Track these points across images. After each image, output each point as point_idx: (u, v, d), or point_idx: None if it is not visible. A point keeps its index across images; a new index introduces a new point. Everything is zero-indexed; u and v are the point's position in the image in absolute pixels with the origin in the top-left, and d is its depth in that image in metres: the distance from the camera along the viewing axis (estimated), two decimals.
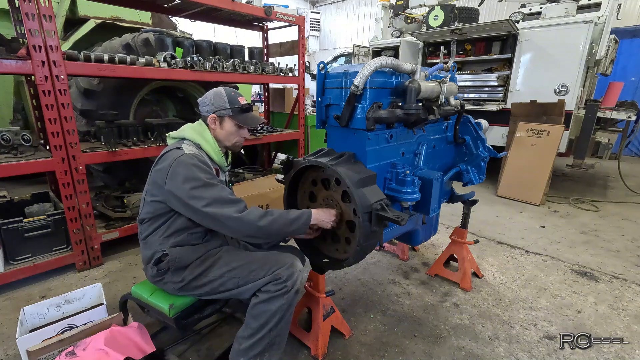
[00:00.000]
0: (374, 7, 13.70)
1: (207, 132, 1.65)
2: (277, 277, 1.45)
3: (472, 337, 2.01)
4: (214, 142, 1.65)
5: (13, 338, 1.75)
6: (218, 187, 1.47)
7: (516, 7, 5.67)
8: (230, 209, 1.42)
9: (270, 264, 1.50)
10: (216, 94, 1.65)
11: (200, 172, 1.47)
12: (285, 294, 1.44)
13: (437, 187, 1.79)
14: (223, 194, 1.46)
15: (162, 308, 1.53)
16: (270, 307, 1.43)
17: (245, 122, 1.68)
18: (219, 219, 1.41)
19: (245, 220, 1.41)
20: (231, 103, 1.64)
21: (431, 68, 1.86)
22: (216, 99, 1.64)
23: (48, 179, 3.46)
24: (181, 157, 1.48)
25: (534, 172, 4.43)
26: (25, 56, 2.21)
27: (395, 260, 2.90)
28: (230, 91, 1.68)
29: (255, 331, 1.44)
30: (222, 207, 1.42)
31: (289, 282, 1.45)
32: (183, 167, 1.45)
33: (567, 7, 4.47)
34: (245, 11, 3.47)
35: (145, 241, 1.59)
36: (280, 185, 1.94)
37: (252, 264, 1.51)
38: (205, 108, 1.66)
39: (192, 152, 1.54)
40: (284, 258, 1.54)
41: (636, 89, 7.44)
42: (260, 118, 1.81)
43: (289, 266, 1.50)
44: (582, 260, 2.95)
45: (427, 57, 5.86)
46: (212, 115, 1.64)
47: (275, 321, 1.44)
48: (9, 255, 2.45)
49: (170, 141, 1.70)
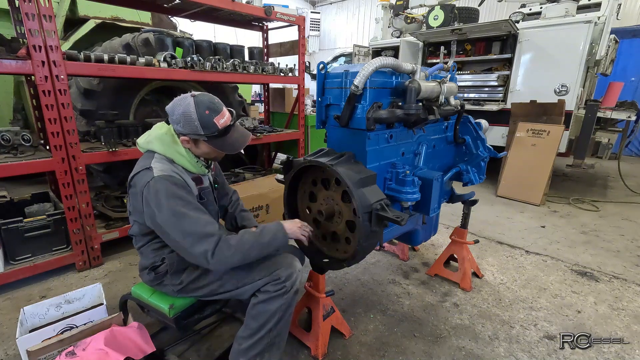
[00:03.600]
0: (374, 7, 13.70)
1: (178, 143, 1.44)
2: (276, 278, 1.43)
3: (472, 337, 2.01)
4: (188, 155, 1.46)
5: (13, 338, 1.75)
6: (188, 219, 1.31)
7: (516, 7, 5.67)
8: (201, 247, 1.29)
9: (269, 265, 1.48)
10: (186, 113, 1.35)
11: (171, 199, 1.31)
12: (285, 294, 1.43)
13: (437, 187, 1.79)
14: (194, 228, 1.30)
15: (162, 308, 1.53)
16: (269, 307, 1.42)
17: (224, 148, 1.46)
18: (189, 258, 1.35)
19: (218, 266, 1.33)
20: (205, 128, 1.36)
21: (431, 68, 1.86)
22: (186, 120, 1.35)
23: (48, 179, 3.46)
24: (150, 183, 1.33)
25: (534, 172, 4.43)
26: (25, 56, 2.21)
27: (395, 260, 2.89)
28: (204, 109, 1.35)
29: (255, 331, 1.44)
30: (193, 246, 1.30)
31: (287, 283, 1.44)
32: (153, 195, 1.32)
33: (567, 7, 4.47)
34: (245, 11, 3.47)
35: (141, 251, 1.58)
36: (280, 185, 1.94)
37: (250, 264, 1.48)
38: (175, 126, 1.41)
39: (162, 172, 1.36)
40: (282, 258, 1.53)
41: (636, 89, 7.43)
42: (245, 137, 1.53)
43: (287, 266, 1.48)
44: (582, 260, 2.95)
45: (427, 57, 5.86)
46: (183, 138, 1.42)
47: (274, 321, 1.44)
48: (9, 255, 2.45)
49: (141, 149, 1.51)
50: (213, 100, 1.42)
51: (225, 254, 1.32)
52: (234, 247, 1.33)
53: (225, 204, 1.91)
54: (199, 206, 1.41)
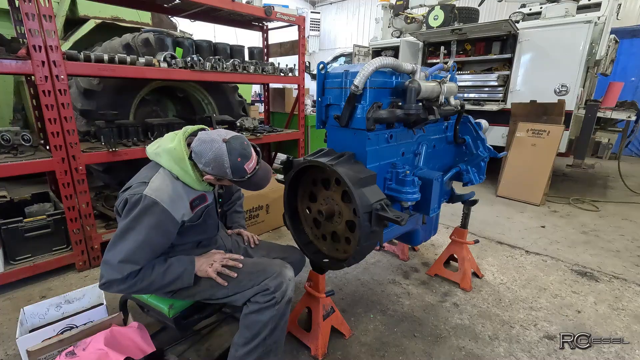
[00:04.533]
0: (374, 7, 13.71)
1: (187, 163, 1.37)
2: (265, 288, 1.40)
3: (472, 337, 2.01)
4: (195, 175, 1.39)
5: (13, 338, 1.75)
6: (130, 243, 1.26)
7: (516, 7, 5.66)
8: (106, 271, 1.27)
9: (258, 274, 1.44)
10: (217, 159, 1.32)
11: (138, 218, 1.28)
12: (275, 305, 1.40)
13: (437, 187, 1.79)
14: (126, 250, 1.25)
15: (162, 308, 1.53)
16: (261, 318, 1.40)
17: (248, 188, 1.48)
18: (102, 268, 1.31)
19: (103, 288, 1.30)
20: (235, 173, 1.36)
21: (431, 68, 1.86)
22: (217, 166, 1.34)
23: (48, 179, 3.46)
24: (133, 198, 1.30)
25: (534, 172, 4.43)
26: (25, 56, 2.20)
27: (395, 260, 2.89)
28: (236, 156, 1.33)
29: (249, 340, 1.41)
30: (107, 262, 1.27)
31: (277, 294, 1.40)
32: (131, 206, 1.30)
33: (567, 7, 4.47)
34: (245, 11, 3.47)
35: None
36: (280, 185, 1.94)
37: (240, 274, 1.46)
38: (203, 167, 1.37)
39: (154, 194, 1.30)
40: (272, 267, 1.48)
41: (636, 89, 7.44)
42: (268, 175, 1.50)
43: (276, 275, 1.44)
44: (582, 260, 2.95)
45: (427, 57, 5.86)
46: (208, 177, 1.40)
47: (268, 331, 1.41)
48: (9, 255, 2.44)
49: (149, 156, 1.47)
50: (244, 144, 1.39)
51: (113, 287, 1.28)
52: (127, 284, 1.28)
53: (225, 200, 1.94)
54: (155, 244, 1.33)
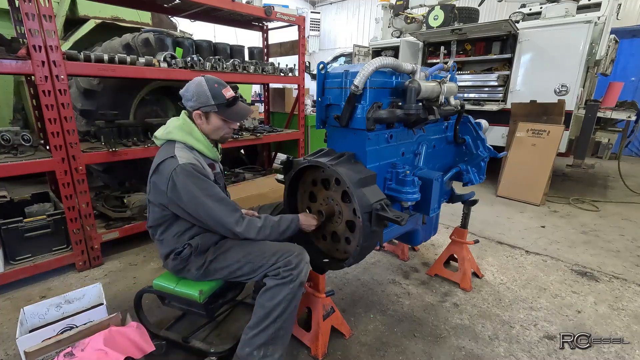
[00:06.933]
0: (374, 7, 13.71)
1: (196, 129, 1.63)
2: (288, 262, 1.52)
3: (472, 337, 2.01)
4: (204, 140, 1.65)
5: (13, 338, 1.75)
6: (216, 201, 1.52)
7: (516, 7, 5.66)
8: (231, 219, 1.53)
9: (283, 251, 1.57)
10: (198, 88, 1.59)
11: (199, 183, 1.50)
12: (291, 283, 1.50)
13: (437, 187, 1.79)
14: (222, 208, 1.52)
15: (192, 295, 1.61)
16: (276, 294, 1.50)
17: (231, 117, 1.67)
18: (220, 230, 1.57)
19: (245, 235, 1.57)
20: (215, 98, 1.60)
21: (431, 68, 1.86)
22: (199, 94, 1.59)
23: (48, 179, 3.46)
24: (177, 169, 1.49)
25: (534, 172, 4.43)
26: (25, 56, 2.20)
27: (395, 260, 2.89)
28: (213, 83, 1.61)
29: (261, 320, 1.50)
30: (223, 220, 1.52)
31: (295, 271, 1.51)
32: (182, 180, 1.48)
33: (567, 7, 4.47)
34: (245, 11, 3.47)
35: (161, 240, 1.66)
36: (280, 185, 1.94)
37: (265, 250, 1.58)
38: (188, 103, 1.63)
39: (187, 160, 1.53)
40: (294, 247, 1.62)
41: (636, 89, 7.44)
42: (248, 109, 1.77)
43: (298, 254, 1.57)
44: (582, 260, 2.95)
45: (427, 57, 5.86)
46: (196, 112, 1.62)
47: (279, 311, 1.49)
48: (9, 255, 2.45)
49: (158, 142, 1.68)
50: (219, 79, 1.68)
51: (250, 232, 1.57)
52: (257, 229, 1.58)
53: None
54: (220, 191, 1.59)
